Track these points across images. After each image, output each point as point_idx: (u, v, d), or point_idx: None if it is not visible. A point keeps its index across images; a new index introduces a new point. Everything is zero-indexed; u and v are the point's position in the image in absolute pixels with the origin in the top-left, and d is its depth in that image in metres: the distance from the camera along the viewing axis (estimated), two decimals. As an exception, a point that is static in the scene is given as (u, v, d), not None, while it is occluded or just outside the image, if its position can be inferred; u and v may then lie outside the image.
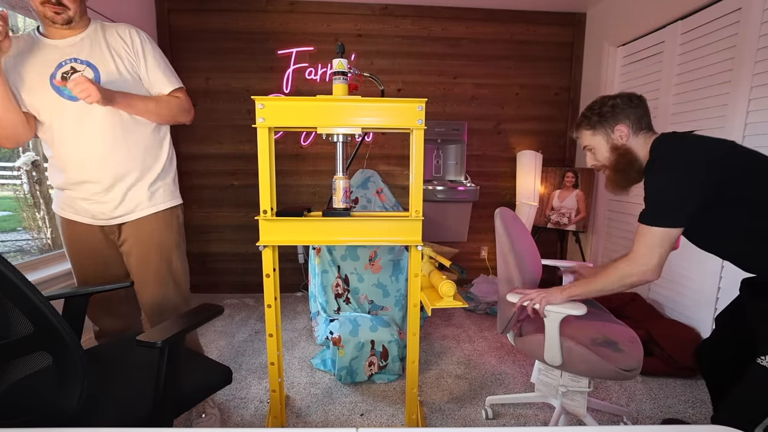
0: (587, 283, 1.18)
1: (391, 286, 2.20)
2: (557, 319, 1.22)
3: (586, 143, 1.22)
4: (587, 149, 1.22)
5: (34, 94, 1.22)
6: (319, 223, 1.30)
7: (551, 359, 1.28)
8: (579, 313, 1.19)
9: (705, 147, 1.03)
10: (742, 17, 1.81)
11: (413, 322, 1.39)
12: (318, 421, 1.60)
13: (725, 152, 1.02)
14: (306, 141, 2.98)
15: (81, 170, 1.28)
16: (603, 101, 1.18)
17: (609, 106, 1.16)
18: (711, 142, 1.05)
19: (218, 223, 3.05)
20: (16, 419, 0.84)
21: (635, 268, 1.06)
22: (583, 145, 1.24)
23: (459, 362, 2.09)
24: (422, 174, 1.26)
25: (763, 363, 0.96)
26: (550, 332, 1.25)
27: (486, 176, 3.15)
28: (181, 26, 2.82)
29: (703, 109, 2.03)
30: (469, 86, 3.05)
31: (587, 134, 1.20)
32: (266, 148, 1.25)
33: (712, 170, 0.98)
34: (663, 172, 1.03)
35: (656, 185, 1.04)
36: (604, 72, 2.79)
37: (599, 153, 1.19)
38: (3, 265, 0.71)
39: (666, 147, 1.07)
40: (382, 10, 2.91)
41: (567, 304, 1.21)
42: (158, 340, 0.85)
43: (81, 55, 1.24)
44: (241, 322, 2.57)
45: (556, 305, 1.21)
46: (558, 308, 1.21)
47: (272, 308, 1.37)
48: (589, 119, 1.19)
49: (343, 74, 1.29)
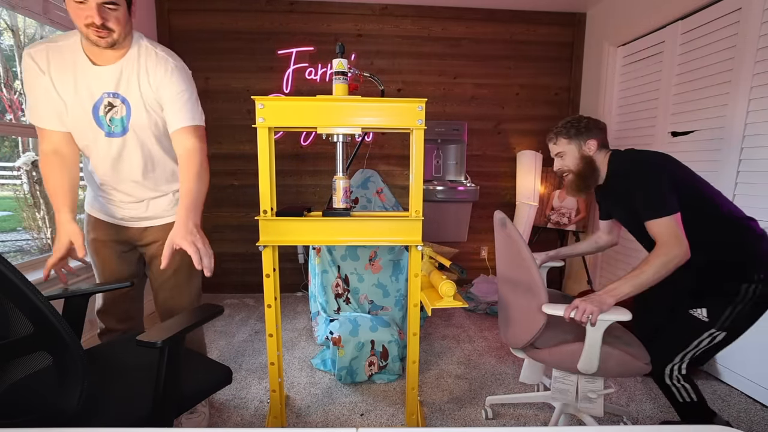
0: (631, 279, 1.17)
1: (391, 286, 2.20)
2: (604, 327, 1.16)
3: (561, 149, 1.42)
4: (559, 155, 1.43)
5: (76, 121, 1.23)
6: (319, 223, 1.30)
7: (587, 367, 1.21)
8: (626, 319, 1.15)
9: (658, 156, 1.31)
10: (742, 17, 1.81)
11: (413, 322, 1.39)
12: (318, 421, 1.60)
13: (669, 160, 1.30)
14: (306, 141, 2.98)
15: (115, 186, 1.34)
16: (580, 119, 1.40)
17: (584, 124, 1.38)
18: (657, 153, 1.33)
19: (218, 223, 3.05)
20: (16, 419, 0.84)
21: (673, 251, 1.15)
22: (556, 152, 1.43)
23: (459, 362, 2.09)
24: (422, 174, 1.26)
25: (694, 313, 1.24)
26: (593, 341, 1.17)
27: (486, 176, 3.15)
28: (181, 26, 2.82)
29: (703, 109, 2.03)
30: (469, 86, 3.05)
31: (564, 141, 1.41)
32: (266, 148, 1.25)
33: (670, 173, 1.24)
34: (646, 177, 1.24)
35: (647, 187, 1.23)
36: (604, 72, 2.79)
37: (569, 159, 1.41)
38: (3, 265, 0.71)
39: (632, 159, 1.33)
40: (382, 10, 2.91)
41: (613, 311, 1.16)
42: (158, 340, 0.85)
43: (119, 89, 1.22)
44: (241, 322, 2.57)
45: (618, 300, 1.16)
46: (604, 315, 1.15)
47: (272, 308, 1.36)
48: (568, 130, 1.39)
49: (343, 74, 1.29)
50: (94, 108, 1.21)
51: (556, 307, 1.20)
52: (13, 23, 1.98)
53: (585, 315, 1.15)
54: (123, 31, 1.16)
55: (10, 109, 1.96)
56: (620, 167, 1.34)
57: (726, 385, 1.89)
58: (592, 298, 1.18)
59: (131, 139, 1.27)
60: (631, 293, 1.18)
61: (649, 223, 1.20)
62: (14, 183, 2.05)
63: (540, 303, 1.23)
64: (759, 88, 1.75)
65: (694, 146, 2.09)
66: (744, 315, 1.21)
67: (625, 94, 2.67)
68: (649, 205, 1.21)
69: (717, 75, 1.95)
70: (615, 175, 1.36)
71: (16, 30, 2.00)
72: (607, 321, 1.16)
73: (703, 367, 1.99)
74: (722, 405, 1.73)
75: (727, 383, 1.90)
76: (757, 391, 1.77)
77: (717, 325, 1.21)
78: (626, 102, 2.66)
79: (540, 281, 1.24)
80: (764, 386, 1.74)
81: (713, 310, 1.22)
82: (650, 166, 1.27)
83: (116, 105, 1.23)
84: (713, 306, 1.22)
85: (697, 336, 1.23)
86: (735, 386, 1.86)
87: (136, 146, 1.28)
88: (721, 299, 1.22)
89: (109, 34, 1.13)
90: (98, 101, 1.21)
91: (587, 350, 1.19)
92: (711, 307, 1.23)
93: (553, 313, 1.20)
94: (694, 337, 1.23)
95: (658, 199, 1.20)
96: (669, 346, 1.27)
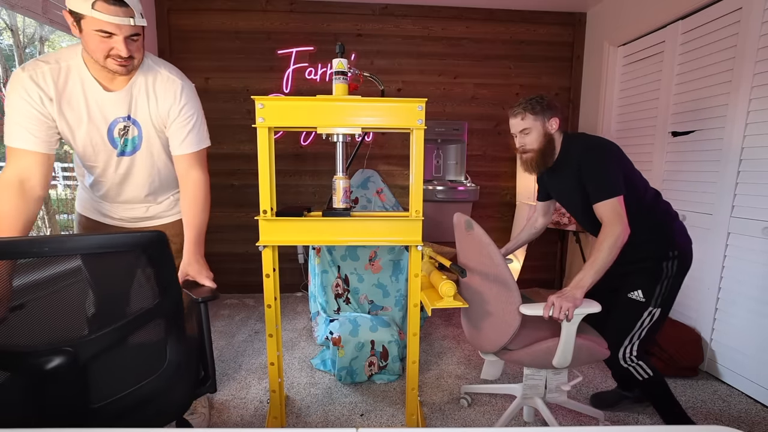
0: (590, 268, 1.23)
1: (391, 286, 2.19)
2: (578, 321, 1.22)
3: (528, 125, 1.39)
4: (523, 132, 1.40)
5: (88, 145, 1.21)
6: (319, 223, 1.30)
7: (561, 362, 1.26)
8: (597, 311, 1.22)
9: (610, 142, 1.37)
10: (743, 17, 1.81)
11: (413, 322, 1.39)
12: (318, 421, 1.60)
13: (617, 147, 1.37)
14: (306, 141, 2.98)
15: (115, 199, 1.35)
16: (542, 96, 1.40)
17: (547, 102, 1.39)
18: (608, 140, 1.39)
19: (218, 223, 3.05)
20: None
21: (616, 230, 1.22)
22: (522, 128, 1.40)
23: (459, 362, 2.09)
24: (422, 174, 1.26)
25: (632, 297, 1.37)
26: (568, 336, 1.22)
27: (486, 176, 3.15)
28: (181, 26, 2.81)
29: (704, 109, 2.03)
30: (469, 86, 3.05)
31: (530, 117, 1.38)
32: (266, 148, 1.25)
33: (619, 158, 1.34)
34: (602, 160, 1.31)
35: (602, 170, 1.30)
36: (604, 72, 2.79)
37: (532, 135, 1.39)
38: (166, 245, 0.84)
39: (587, 142, 1.38)
40: (382, 10, 2.91)
41: (585, 304, 1.22)
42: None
43: (131, 112, 1.21)
44: (241, 322, 2.57)
45: (585, 290, 1.22)
46: (578, 309, 1.21)
47: (272, 308, 1.36)
48: (534, 106, 1.38)
49: (343, 74, 1.29)
50: (108, 131, 1.21)
51: (533, 307, 1.24)
52: (13, 23, 1.98)
53: (562, 312, 1.19)
54: (142, 57, 1.15)
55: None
56: (574, 149, 1.37)
57: (726, 385, 1.89)
58: (565, 294, 1.22)
59: (140, 157, 1.28)
60: (595, 280, 1.24)
61: (598, 204, 1.28)
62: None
63: (515, 305, 1.25)
64: (759, 88, 1.75)
65: (694, 146, 2.09)
66: (670, 288, 1.36)
67: (626, 94, 2.66)
68: (601, 186, 1.28)
69: (717, 75, 1.95)
70: (568, 156, 1.39)
71: (15, 29, 2.00)
72: (580, 315, 1.21)
73: (704, 367, 2.00)
74: (722, 405, 1.73)
75: (727, 383, 1.90)
76: (757, 391, 1.76)
77: (653, 302, 1.35)
78: (626, 102, 2.66)
79: (515, 283, 1.26)
80: (764, 386, 1.74)
81: (647, 289, 1.36)
82: (606, 151, 1.33)
83: (129, 127, 1.23)
84: (646, 286, 1.36)
85: (639, 317, 1.36)
86: (735, 386, 1.86)
87: (144, 163, 1.29)
88: (650, 278, 1.36)
89: (130, 62, 1.10)
90: (112, 124, 1.20)
91: (563, 345, 1.24)
92: (644, 288, 1.36)
93: (530, 313, 1.23)
94: (636, 318, 1.36)
95: (611, 181, 1.27)
96: (618, 332, 1.39)
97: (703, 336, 2.00)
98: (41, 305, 0.78)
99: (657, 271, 1.36)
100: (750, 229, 1.79)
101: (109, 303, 0.86)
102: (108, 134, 1.21)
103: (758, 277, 1.76)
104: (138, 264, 0.84)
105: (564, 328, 1.22)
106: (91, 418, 0.82)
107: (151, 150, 1.29)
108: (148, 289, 0.86)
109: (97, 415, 0.83)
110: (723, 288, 1.93)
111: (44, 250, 0.72)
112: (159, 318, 0.90)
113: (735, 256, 1.87)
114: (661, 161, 2.30)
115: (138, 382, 0.88)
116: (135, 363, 0.92)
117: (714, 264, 1.95)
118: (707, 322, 1.99)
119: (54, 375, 0.77)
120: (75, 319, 0.81)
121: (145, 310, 0.86)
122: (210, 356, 1.08)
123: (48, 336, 0.78)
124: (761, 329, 1.75)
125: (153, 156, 1.30)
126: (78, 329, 0.80)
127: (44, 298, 0.77)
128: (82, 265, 0.81)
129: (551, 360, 1.27)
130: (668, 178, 2.26)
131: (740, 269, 1.85)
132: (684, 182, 2.16)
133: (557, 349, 1.25)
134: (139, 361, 0.93)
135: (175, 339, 0.93)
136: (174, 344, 0.93)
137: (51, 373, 0.76)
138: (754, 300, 1.77)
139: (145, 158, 1.29)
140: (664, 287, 1.36)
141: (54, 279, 0.77)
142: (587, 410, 1.57)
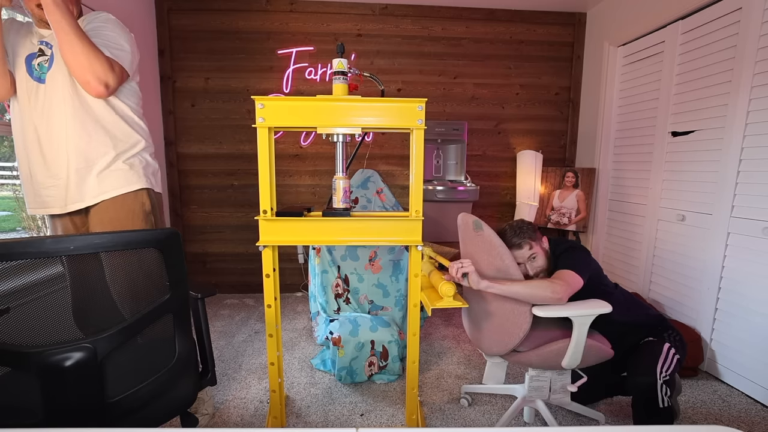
0: (509, 285, 1.24)
1: (391, 286, 2.20)
2: (588, 322, 1.23)
3: (534, 252, 1.42)
4: (531, 257, 1.42)
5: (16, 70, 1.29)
6: (319, 223, 1.30)
7: (571, 363, 1.26)
8: (607, 311, 1.23)
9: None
10: (743, 17, 1.81)
11: (413, 322, 1.39)
12: (318, 421, 1.60)
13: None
14: (306, 141, 2.98)
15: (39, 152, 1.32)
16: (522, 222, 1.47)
17: (528, 226, 1.45)
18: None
19: (218, 223, 3.05)
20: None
21: (554, 293, 1.24)
22: (528, 255, 1.42)
23: (459, 362, 2.09)
24: (422, 174, 1.26)
25: (647, 340, 1.42)
26: (580, 335, 1.24)
27: (486, 176, 3.15)
28: (181, 26, 2.81)
29: (704, 109, 2.03)
30: (469, 86, 3.05)
31: (534, 245, 1.43)
32: (266, 148, 1.25)
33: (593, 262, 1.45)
34: (578, 255, 1.41)
35: (577, 259, 1.38)
36: (604, 72, 2.79)
37: (540, 258, 1.42)
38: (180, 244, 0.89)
39: (570, 244, 1.49)
40: (382, 10, 2.91)
41: (595, 304, 1.25)
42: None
43: (51, 39, 1.27)
44: (241, 322, 2.57)
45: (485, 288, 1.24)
46: (586, 310, 1.22)
47: (272, 308, 1.36)
48: (530, 234, 1.43)
49: (343, 74, 1.29)
50: (29, 56, 1.27)
51: (547, 309, 1.24)
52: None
53: (460, 272, 1.23)
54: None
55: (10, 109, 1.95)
56: (558, 249, 1.47)
57: (726, 385, 1.89)
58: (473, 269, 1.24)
59: (52, 89, 1.27)
60: (502, 293, 1.25)
61: (567, 271, 1.32)
62: (14, 183, 2.05)
63: (527, 306, 1.26)
64: (759, 87, 1.75)
65: (694, 146, 2.09)
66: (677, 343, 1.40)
67: (626, 94, 2.67)
68: (577, 266, 1.34)
69: (717, 75, 1.95)
70: (553, 254, 1.48)
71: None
72: (591, 315, 1.22)
73: (704, 367, 2.00)
74: (722, 405, 1.73)
75: (727, 383, 1.90)
76: (757, 391, 1.77)
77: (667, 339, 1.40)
78: (626, 102, 2.66)
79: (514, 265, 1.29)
80: (764, 386, 1.74)
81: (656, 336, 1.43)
82: (585, 252, 1.45)
83: (46, 54, 1.27)
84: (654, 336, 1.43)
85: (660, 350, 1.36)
86: (735, 386, 1.86)
87: (59, 98, 1.27)
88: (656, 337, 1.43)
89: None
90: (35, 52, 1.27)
91: (574, 346, 1.25)
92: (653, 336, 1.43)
93: (544, 315, 1.23)
94: (658, 351, 1.36)
95: (584, 267, 1.35)
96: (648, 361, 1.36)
97: (703, 336, 2.00)
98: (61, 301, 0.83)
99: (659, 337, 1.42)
100: (750, 229, 1.79)
101: (126, 299, 0.89)
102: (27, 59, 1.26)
103: (758, 277, 1.76)
104: (154, 260, 0.88)
105: (575, 329, 1.23)
106: (107, 412, 0.85)
107: (63, 82, 1.26)
108: (161, 284, 0.90)
109: (113, 409, 0.85)
110: (723, 288, 1.93)
111: (69, 248, 0.76)
112: (169, 313, 0.93)
113: (735, 256, 1.87)
114: (661, 161, 2.30)
115: (151, 376, 0.91)
116: (148, 357, 0.96)
117: (714, 264, 1.95)
118: (707, 322, 1.99)
119: (73, 371, 0.79)
120: (95, 315, 0.86)
121: (158, 305, 0.89)
122: (209, 350, 1.11)
123: (68, 332, 0.81)
124: (761, 329, 1.75)
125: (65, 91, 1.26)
126: (97, 325, 0.83)
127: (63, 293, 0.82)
128: (102, 261, 0.85)
129: (560, 361, 1.27)
130: (668, 178, 2.26)
131: (740, 269, 1.85)
132: (684, 182, 2.16)
133: (568, 349, 1.25)
134: (152, 355, 0.96)
135: (182, 333, 0.96)
136: (182, 338, 0.96)
137: (70, 369, 0.79)
138: (754, 300, 1.77)
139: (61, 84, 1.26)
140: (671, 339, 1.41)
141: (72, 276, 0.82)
142: (588, 412, 1.57)
